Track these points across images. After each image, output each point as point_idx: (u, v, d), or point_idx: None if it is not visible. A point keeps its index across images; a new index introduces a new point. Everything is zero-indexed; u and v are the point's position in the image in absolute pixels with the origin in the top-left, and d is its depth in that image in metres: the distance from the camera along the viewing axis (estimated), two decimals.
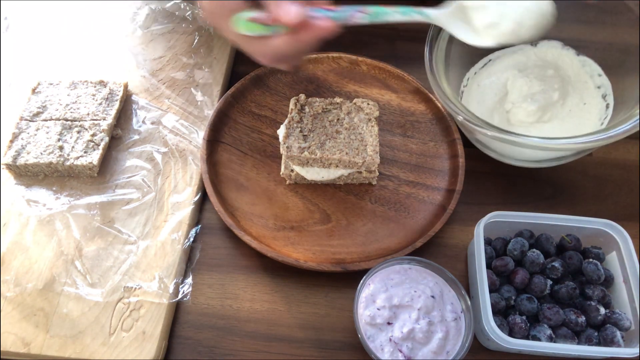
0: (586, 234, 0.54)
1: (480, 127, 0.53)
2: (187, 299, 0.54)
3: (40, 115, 0.62)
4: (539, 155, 0.59)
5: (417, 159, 0.63)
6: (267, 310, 0.54)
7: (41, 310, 0.51)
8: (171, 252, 0.55)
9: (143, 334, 0.50)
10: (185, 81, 0.68)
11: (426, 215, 0.59)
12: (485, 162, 0.64)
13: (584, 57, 0.64)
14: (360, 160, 0.57)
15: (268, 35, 0.44)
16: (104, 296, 0.52)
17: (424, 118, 0.66)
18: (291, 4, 0.42)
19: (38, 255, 0.54)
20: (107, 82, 0.65)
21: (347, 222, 0.58)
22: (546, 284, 0.51)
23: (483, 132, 0.52)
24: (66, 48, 0.71)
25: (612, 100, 0.61)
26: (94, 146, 0.60)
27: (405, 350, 0.45)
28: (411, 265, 0.50)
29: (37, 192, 0.59)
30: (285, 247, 0.56)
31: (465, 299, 0.48)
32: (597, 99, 0.62)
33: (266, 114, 0.66)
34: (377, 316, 0.47)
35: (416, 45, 0.74)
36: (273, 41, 0.44)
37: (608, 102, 0.61)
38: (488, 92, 0.64)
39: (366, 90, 0.69)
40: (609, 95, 0.61)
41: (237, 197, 0.59)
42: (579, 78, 0.63)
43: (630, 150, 0.66)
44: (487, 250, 0.53)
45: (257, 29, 0.44)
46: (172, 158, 0.61)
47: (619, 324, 0.49)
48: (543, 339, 0.48)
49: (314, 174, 0.59)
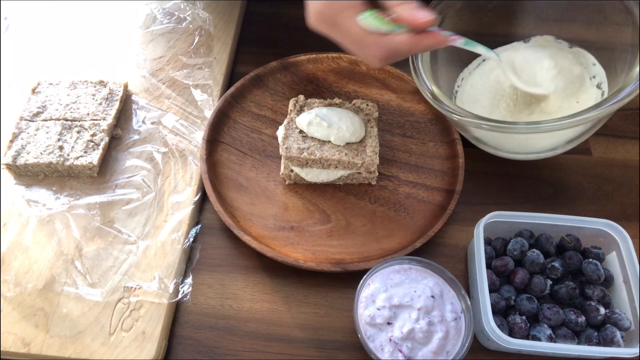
0: (586, 234, 0.54)
1: (468, 118, 0.53)
2: (187, 299, 0.54)
3: (40, 115, 0.62)
4: (534, 145, 0.59)
5: (416, 159, 0.63)
6: (267, 310, 0.54)
7: (41, 310, 0.51)
8: (171, 252, 0.55)
9: (143, 334, 0.50)
10: (185, 81, 0.68)
11: (426, 215, 0.59)
12: (485, 162, 0.64)
13: (577, 49, 0.64)
14: (360, 161, 0.57)
15: (389, 33, 0.46)
16: (104, 296, 0.52)
17: (424, 118, 0.66)
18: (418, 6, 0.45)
19: (38, 255, 0.54)
20: (107, 82, 0.66)
21: (346, 222, 0.58)
22: (546, 284, 0.51)
23: (471, 122, 0.53)
24: (66, 48, 0.71)
25: (607, 88, 0.61)
26: (94, 146, 0.60)
27: (405, 350, 0.45)
28: (411, 265, 0.50)
29: (37, 192, 0.59)
30: (285, 247, 0.56)
31: (465, 299, 0.48)
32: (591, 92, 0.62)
33: (266, 114, 0.66)
34: (377, 316, 0.47)
35: None
36: (394, 38, 0.46)
37: (603, 90, 0.61)
38: (482, 91, 0.64)
39: (366, 90, 0.69)
40: (603, 83, 0.61)
41: (237, 197, 0.60)
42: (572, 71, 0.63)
43: (630, 150, 0.66)
44: (487, 250, 0.53)
45: (385, 25, 0.46)
46: (172, 158, 0.61)
47: (619, 324, 0.49)
48: (543, 339, 0.48)
49: (313, 176, 0.59)
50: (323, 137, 0.57)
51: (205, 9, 0.74)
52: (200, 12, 0.74)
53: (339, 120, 0.57)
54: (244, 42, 0.75)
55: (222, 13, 0.74)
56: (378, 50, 0.47)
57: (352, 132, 0.57)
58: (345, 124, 0.57)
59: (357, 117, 0.59)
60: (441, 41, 0.48)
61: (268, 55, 0.70)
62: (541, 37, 0.66)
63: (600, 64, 0.63)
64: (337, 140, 0.57)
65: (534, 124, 0.51)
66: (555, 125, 0.51)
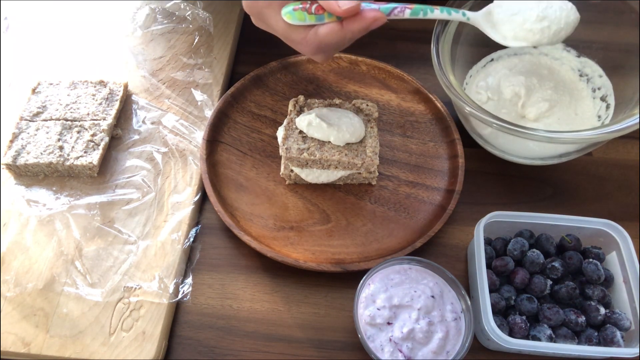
0: (586, 234, 0.54)
1: (488, 118, 0.52)
2: (187, 299, 0.54)
3: (40, 115, 0.62)
4: (543, 151, 0.59)
5: (416, 159, 0.63)
6: (267, 310, 0.54)
7: (41, 310, 0.51)
8: (171, 252, 0.55)
9: (143, 334, 0.50)
10: (185, 81, 0.68)
11: (426, 215, 0.59)
12: (485, 162, 0.64)
13: (585, 59, 0.64)
14: (360, 161, 0.57)
15: (315, 24, 0.44)
16: (104, 296, 0.52)
17: (424, 118, 0.66)
18: None
19: (38, 255, 0.54)
20: (107, 82, 0.66)
21: (346, 222, 0.58)
22: (546, 284, 0.51)
23: (491, 122, 0.52)
24: (66, 48, 0.71)
25: (613, 101, 0.61)
26: (94, 146, 0.60)
27: (405, 350, 0.45)
28: (411, 265, 0.50)
29: (37, 192, 0.59)
30: (285, 247, 0.56)
31: (465, 299, 0.48)
32: (589, 105, 0.62)
33: (266, 114, 0.66)
34: (377, 316, 0.47)
35: (416, 46, 0.75)
36: (320, 30, 0.44)
37: (609, 103, 0.61)
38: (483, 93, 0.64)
39: (366, 90, 0.69)
40: (609, 95, 0.62)
41: (237, 197, 0.59)
42: (574, 86, 0.64)
43: (630, 150, 0.66)
44: (487, 250, 0.53)
45: (306, 18, 0.44)
46: (172, 158, 0.61)
47: (619, 324, 0.49)
48: (543, 339, 0.48)
49: (313, 178, 0.59)
50: (323, 137, 0.57)
51: (205, 9, 0.74)
52: (200, 12, 0.74)
53: (338, 120, 0.57)
54: (244, 42, 0.75)
55: (222, 13, 0.74)
56: (307, 46, 0.46)
57: (352, 133, 0.57)
58: (345, 124, 0.57)
59: (357, 117, 0.59)
60: (371, 22, 0.44)
61: (268, 55, 0.70)
62: None
63: (607, 76, 0.63)
64: (337, 140, 0.57)
65: (552, 133, 0.51)
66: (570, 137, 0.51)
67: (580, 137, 0.51)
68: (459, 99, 0.54)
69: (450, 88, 0.55)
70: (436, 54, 0.57)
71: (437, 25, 0.58)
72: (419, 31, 0.77)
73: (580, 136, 0.51)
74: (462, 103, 0.54)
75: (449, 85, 0.55)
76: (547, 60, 0.66)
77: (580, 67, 0.64)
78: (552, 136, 0.51)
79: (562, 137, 0.51)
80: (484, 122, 0.53)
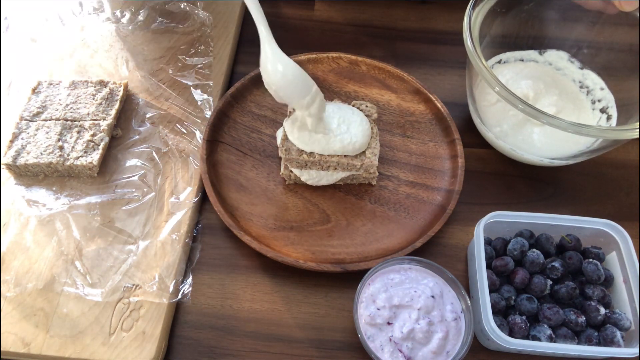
0: (586, 234, 0.54)
1: (516, 101, 0.52)
2: (187, 299, 0.54)
3: (40, 115, 0.62)
4: (555, 150, 0.59)
5: (416, 159, 0.63)
6: (267, 310, 0.54)
7: (41, 310, 0.51)
8: (171, 252, 0.55)
9: (143, 334, 0.50)
10: (185, 81, 0.68)
11: (426, 215, 0.59)
12: (485, 162, 0.64)
13: (587, 71, 0.65)
14: (359, 162, 0.57)
15: None
16: (104, 296, 0.52)
17: (424, 118, 0.66)
18: None
19: (38, 255, 0.54)
20: (107, 82, 0.65)
21: (346, 222, 0.58)
22: (546, 284, 0.51)
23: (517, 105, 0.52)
24: (66, 48, 0.71)
25: (615, 112, 0.61)
26: (94, 146, 0.60)
27: (405, 350, 0.45)
28: (411, 265, 0.50)
29: (37, 192, 0.59)
30: (285, 247, 0.56)
31: (465, 299, 0.48)
32: (590, 116, 0.63)
33: (266, 114, 0.66)
34: (377, 316, 0.47)
35: (416, 46, 0.75)
36: None
37: (610, 114, 0.62)
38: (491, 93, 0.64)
39: (366, 90, 0.69)
40: (610, 107, 0.62)
41: (237, 197, 0.59)
42: (576, 96, 0.65)
43: (630, 150, 0.66)
44: (487, 250, 0.53)
45: None
46: (172, 158, 0.61)
47: (619, 324, 0.49)
48: (543, 339, 0.48)
49: (313, 182, 0.59)
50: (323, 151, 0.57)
51: (205, 9, 0.74)
52: (200, 12, 0.74)
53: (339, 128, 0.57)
54: (244, 42, 0.75)
55: (222, 13, 0.75)
56: None
57: (361, 144, 0.57)
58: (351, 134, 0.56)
59: (365, 120, 0.58)
60: None
61: None
62: (556, 52, 0.67)
63: (608, 89, 0.63)
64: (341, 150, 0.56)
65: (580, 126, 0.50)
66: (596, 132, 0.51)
67: (606, 131, 0.51)
68: (492, 79, 0.53)
69: (483, 71, 0.54)
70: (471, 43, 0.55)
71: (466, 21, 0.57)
72: (419, 31, 0.77)
73: (605, 132, 0.51)
74: (494, 82, 0.52)
75: (482, 67, 0.54)
76: (551, 70, 0.67)
77: (582, 79, 0.65)
78: (578, 127, 0.50)
79: (588, 130, 0.50)
80: (512, 103, 0.52)
